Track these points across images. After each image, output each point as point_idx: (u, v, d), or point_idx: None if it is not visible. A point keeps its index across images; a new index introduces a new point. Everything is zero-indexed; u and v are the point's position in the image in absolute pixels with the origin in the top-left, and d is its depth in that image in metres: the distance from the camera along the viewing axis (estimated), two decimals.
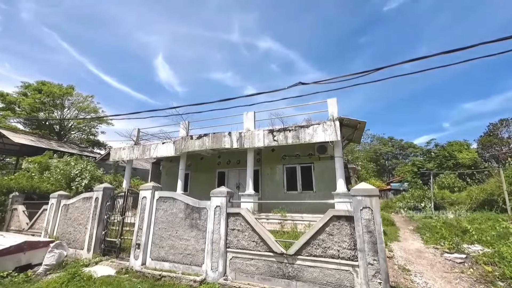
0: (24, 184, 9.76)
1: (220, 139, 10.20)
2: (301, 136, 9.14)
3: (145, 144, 12.81)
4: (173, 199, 6.05)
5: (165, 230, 5.92)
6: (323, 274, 4.15)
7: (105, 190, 7.17)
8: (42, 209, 8.38)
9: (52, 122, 28.98)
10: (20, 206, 9.13)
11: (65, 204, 7.90)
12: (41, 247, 6.40)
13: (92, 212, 7.03)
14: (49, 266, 6.01)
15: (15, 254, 5.84)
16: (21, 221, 8.76)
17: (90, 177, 11.59)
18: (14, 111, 25.87)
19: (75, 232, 7.35)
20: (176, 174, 15.01)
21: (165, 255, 5.72)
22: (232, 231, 5.13)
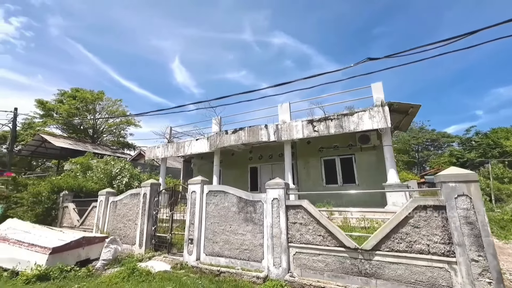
0: (72, 183, 10.19)
1: (256, 132, 9.91)
2: (345, 125, 8.56)
3: (178, 142, 12.91)
4: (224, 193, 5.84)
5: (217, 224, 5.73)
6: (410, 272, 3.66)
7: (152, 186, 7.18)
8: (92, 206, 8.65)
9: (86, 126, 30.67)
10: (70, 204, 9.53)
11: (113, 201, 8.06)
12: (97, 243, 6.53)
13: (141, 208, 7.07)
14: (107, 261, 6.10)
15: (75, 249, 5.98)
16: (73, 218, 9.14)
17: (129, 176, 11.89)
18: (53, 117, 27.67)
19: (125, 228, 7.46)
20: (208, 171, 15.08)
21: (220, 250, 5.53)
22: (294, 225, 4.78)
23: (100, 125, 31.43)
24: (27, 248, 5.79)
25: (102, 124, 31.39)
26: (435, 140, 47.16)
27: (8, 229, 6.86)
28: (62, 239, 5.99)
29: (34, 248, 5.70)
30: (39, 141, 22.59)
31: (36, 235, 6.36)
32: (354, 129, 8.39)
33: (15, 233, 6.56)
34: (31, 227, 6.92)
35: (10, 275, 5.35)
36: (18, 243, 6.00)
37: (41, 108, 27.15)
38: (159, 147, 13.40)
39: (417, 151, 50.76)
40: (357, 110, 8.57)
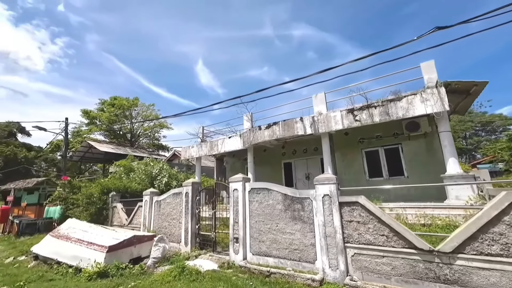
0: (118, 184, 10.85)
1: (291, 126, 9.50)
2: (392, 112, 7.75)
3: (212, 141, 13.05)
4: (268, 190, 5.59)
5: (263, 223, 5.51)
6: (509, 280, 3.02)
7: (194, 185, 7.22)
8: (138, 206, 9.07)
9: (125, 131, 32.96)
10: (118, 204, 10.15)
11: (157, 201, 8.33)
12: (146, 241, 6.77)
13: (184, 207, 7.16)
14: (156, 259, 6.27)
15: (128, 247, 6.24)
16: (121, 217, 9.71)
17: (168, 176, 12.34)
18: (96, 124, 30.19)
19: (169, 226, 7.65)
20: (240, 169, 15.07)
21: (267, 250, 5.31)
22: (350, 223, 4.35)
23: (137, 130, 33.55)
24: (86, 246, 6.18)
25: (138, 128, 33.47)
26: (487, 124, 41.86)
27: (69, 228, 7.46)
28: (115, 238, 6.30)
29: (93, 247, 6.06)
30: (86, 147, 24.79)
31: (93, 234, 6.79)
32: (403, 115, 7.55)
33: (75, 232, 7.09)
34: (88, 226, 7.43)
35: (74, 272, 5.74)
36: (79, 241, 6.45)
37: (86, 117, 29.78)
38: (193, 146, 13.70)
39: (465, 137, 45.61)
40: (405, 94, 7.69)
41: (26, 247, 8.44)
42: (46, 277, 5.42)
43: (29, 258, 7.52)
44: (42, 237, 10.35)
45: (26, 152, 24.59)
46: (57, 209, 12.29)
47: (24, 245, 9.03)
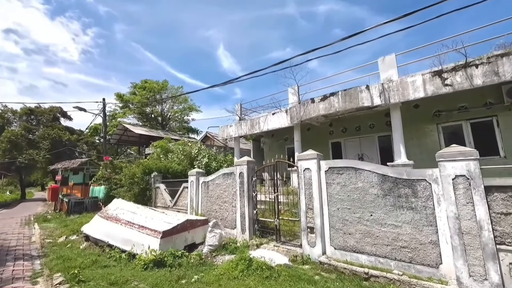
0: (159, 165, 10.37)
1: (354, 96, 7.95)
2: (503, 71, 5.86)
3: (252, 119, 11.96)
4: (355, 170, 4.34)
5: (348, 211, 4.34)
6: None
7: (249, 164, 6.23)
8: (182, 187, 8.45)
9: (155, 114, 33.38)
10: (161, 184, 9.68)
11: (204, 182, 7.56)
12: (200, 226, 6.04)
13: (238, 189, 6.25)
14: (213, 247, 5.50)
15: (181, 232, 5.54)
16: (165, 199, 9.23)
17: (208, 156, 11.64)
18: (129, 108, 30.81)
19: (221, 210, 6.86)
20: (279, 150, 13.89)
21: (356, 244, 4.17)
22: (505, 217, 2.98)
23: (167, 113, 33.78)
24: (138, 230, 5.59)
25: (169, 111, 33.66)
26: None
27: (117, 209, 7.01)
28: (168, 222, 5.61)
29: (145, 231, 5.43)
30: (122, 130, 25.36)
31: (142, 216, 6.21)
32: None
33: (124, 213, 6.59)
34: (136, 208, 6.91)
35: (128, 257, 5.18)
36: (129, 224, 5.90)
37: (119, 100, 30.43)
38: (231, 126, 12.76)
39: None
40: None
41: (76, 226, 8.34)
42: (100, 263, 4.90)
43: (80, 238, 7.31)
44: (89, 216, 10.43)
45: (69, 135, 25.91)
46: (101, 189, 12.38)
47: (74, 223, 9.01)
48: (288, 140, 13.73)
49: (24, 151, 23.08)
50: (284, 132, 13.30)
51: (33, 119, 26.89)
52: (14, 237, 7.67)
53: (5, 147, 22.16)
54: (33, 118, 27.13)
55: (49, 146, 23.70)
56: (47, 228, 9.03)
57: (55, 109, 27.90)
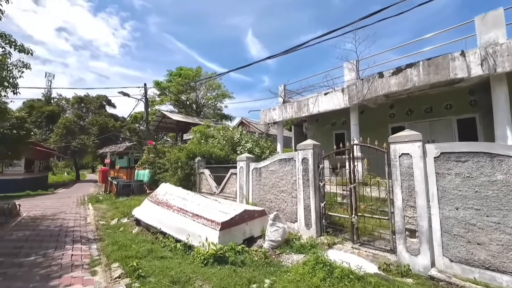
0: (203, 150, 9.93)
1: (443, 66, 6.33)
2: None
3: (300, 100, 10.81)
4: (490, 157, 3.10)
5: (476, 212, 3.15)
6: None
7: (315, 149, 5.24)
8: (230, 173, 7.84)
9: (190, 102, 33.81)
10: (205, 170, 9.24)
11: (256, 168, 6.81)
12: (257, 217, 5.32)
13: (301, 177, 5.33)
14: (275, 243, 4.73)
15: (240, 224, 4.86)
16: (210, 185, 8.78)
17: (251, 141, 10.92)
18: (166, 95, 31.56)
19: (276, 200, 6.07)
20: (325, 136, 12.62)
21: (492, 259, 3.00)
22: None
23: (201, 100, 33.99)
24: (192, 218, 5.05)
25: (203, 98, 33.83)
26: None
27: (166, 194, 6.63)
28: (224, 212, 4.97)
29: (200, 220, 4.87)
30: (160, 117, 26.03)
31: (194, 203, 5.69)
32: None
33: (174, 199, 6.16)
34: (185, 194, 6.46)
35: (183, 248, 4.69)
36: (181, 211, 5.42)
37: (157, 87, 31.28)
38: (275, 109, 11.77)
39: None
40: None
41: (126, 209, 8.33)
42: (156, 253, 4.46)
43: (131, 221, 7.18)
44: (137, 199, 10.59)
45: (114, 122, 27.50)
46: (145, 173, 12.54)
47: (124, 206, 9.07)
48: (336, 124, 12.35)
49: (77, 136, 25.09)
50: (332, 116, 11.95)
51: (83, 107, 29.05)
52: (71, 217, 7.89)
53: (61, 132, 24.29)
54: (83, 106, 29.30)
55: (97, 132, 25.41)
56: (99, 209, 9.26)
57: (101, 98, 29.74)
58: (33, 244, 4.96)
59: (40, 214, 8.25)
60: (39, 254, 4.38)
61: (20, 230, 6.02)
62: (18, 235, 5.65)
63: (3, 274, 3.55)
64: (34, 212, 8.60)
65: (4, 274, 3.56)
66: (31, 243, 5.02)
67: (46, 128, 26.41)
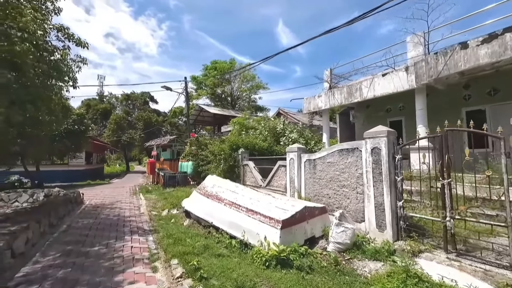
0: (246, 141, 9.59)
1: None
2: None
3: (351, 84, 9.68)
4: None
5: None
6: None
7: (390, 136, 4.38)
8: (278, 165, 7.32)
9: (225, 95, 34.10)
10: (250, 162, 8.89)
11: (309, 160, 6.15)
12: (317, 215, 4.72)
13: (371, 171, 4.53)
14: (342, 246, 4.08)
15: (301, 223, 4.33)
16: (256, 177, 8.40)
17: (296, 131, 10.23)
18: (203, 89, 32.29)
19: (336, 196, 5.36)
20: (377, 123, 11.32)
21: None
22: None
23: (236, 92, 34.03)
24: (246, 214, 4.67)
25: (237, 90, 33.83)
26: None
27: (214, 186, 6.41)
28: (281, 208, 4.47)
29: (256, 216, 4.45)
30: (197, 110, 26.68)
31: (245, 197, 5.31)
32: None
33: (223, 192, 5.88)
34: (234, 186, 6.15)
35: (239, 246, 4.34)
36: (234, 205, 5.08)
37: (194, 82, 32.16)
38: (320, 96, 10.80)
39: None
40: None
41: (175, 200, 8.44)
42: (212, 249, 4.19)
43: (180, 212, 7.19)
44: (182, 190, 10.82)
45: (157, 117, 29.15)
46: (189, 164, 12.78)
47: (171, 197, 9.26)
48: (391, 111, 10.91)
49: (125, 131, 27.24)
50: (387, 101, 10.54)
51: (129, 104, 31.35)
52: (126, 206, 8.28)
53: (113, 127, 26.63)
54: (129, 103, 31.63)
55: (142, 127, 27.22)
56: (150, 199, 9.63)
57: (145, 94, 31.72)
58: (96, 232, 5.14)
59: (100, 203, 8.86)
60: (102, 244, 4.46)
61: (85, 218, 6.41)
62: (83, 222, 5.98)
63: (72, 264, 3.61)
64: (95, 201, 9.30)
65: (73, 264, 3.61)
66: (95, 232, 5.22)
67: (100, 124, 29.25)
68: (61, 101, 6.45)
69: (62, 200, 6.84)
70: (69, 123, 13.04)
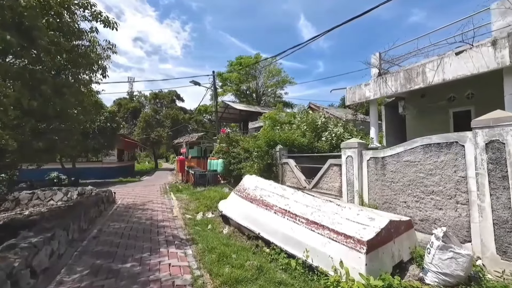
0: (283, 136, 8.56)
1: None
2: None
3: (410, 68, 8.16)
4: None
5: None
6: None
7: None
8: (329, 163, 6.19)
9: (250, 91, 33.28)
10: (290, 160, 7.86)
11: (375, 158, 4.95)
12: (403, 232, 3.54)
13: (486, 173, 3.25)
14: (451, 279, 2.90)
15: (387, 243, 3.20)
16: (298, 178, 7.35)
17: (340, 126, 8.97)
18: (228, 85, 31.80)
19: (419, 205, 4.12)
20: (435, 115, 9.59)
21: None
22: None
23: (261, 88, 33.03)
24: (307, 226, 3.66)
25: (263, 86, 32.82)
26: None
27: (257, 188, 5.49)
28: (357, 221, 3.38)
29: (324, 232, 3.42)
30: (223, 107, 26.17)
31: (300, 204, 4.30)
32: None
33: (270, 196, 4.94)
34: (282, 189, 5.16)
35: (302, 269, 3.34)
36: (287, 214, 4.10)
37: (219, 79, 31.74)
38: (368, 84, 9.37)
39: None
40: None
41: (208, 201, 7.73)
42: (268, 274, 3.26)
43: (216, 216, 6.42)
44: (214, 189, 10.12)
45: (183, 114, 29.28)
46: (219, 162, 12.07)
47: (203, 197, 8.59)
48: (455, 100, 9.14)
49: (154, 128, 27.70)
50: (447, 89, 8.84)
51: (157, 102, 31.91)
52: (159, 207, 7.75)
53: (142, 125, 27.22)
54: (157, 102, 32.20)
55: (170, 124, 27.45)
56: (181, 199, 9.06)
57: (172, 93, 32.08)
58: (128, 242, 4.50)
59: (132, 202, 8.46)
60: (135, 258, 3.77)
61: (116, 221, 5.90)
62: (115, 227, 5.44)
63: None
64: (126, 200, 8.95)
65: None
66: (126, 240, 4.59)
67: (131, 123, 30.13)
68: (91, 94, 5.95)
69: (94, 201, 6.43)
70: (102, 121, 13.05)
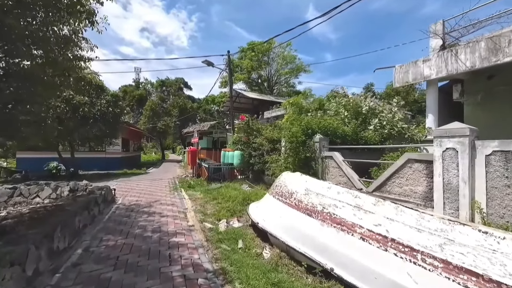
0: (323, 123, 6.82)
1: None
2: None
3: (499, 33, 6.20)
4: None
5: None
6: None
7: None
8: (407, 158, 4.44)
9: (262, 80, 31.28)
10: (336, 153, 6.13)
11: (503, 152, 3.19)
12: None
13: None
14: None
15: None
16: (349, 176, 5.63)
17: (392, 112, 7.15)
18: (239, 73, 29.88)
19: None
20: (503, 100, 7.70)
21: None
22: None
23: (274, 76, 30.99)
24: (436, 271, 1.96)
25: (275, 74, 30.77)
26: None
27: (309, 193, 3.83)
28: None
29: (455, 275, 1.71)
30: (235, 96, 24.46)
31: (400, 224, 2.63)
32: None
33: (337, 207, 3.29)
34: (352, 197, 3.46)
35: None
36: (388, 244, 2.42)
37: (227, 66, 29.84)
38: (428, 59, 7.46)
39: None
40: None
41: (230, 204, 6.16)
42: None
43: (245, 226, 4.81)
44: (232, 186, 8.50)
45: (191, 103, 27.66)
46: (235, 154, 10.42)
47: (221, 196, 7.02)
48: None
49: (161, 118, 26.22)
50: None
51: (164, 90, 30.33)
52: (169, 210, 6.19)
53: (148, 114, 25.75)
54: (164, 90, 30.61)
55: (177, 114, 25.90)
56: (195, 198, 7.51)
57: (179, 80, 30.42)
58: (124, 279, 2.86)
59: (135, 202, 6.94)
60: None
61: (112, 234, 4.34)
62: (109, 244, 3.88)
63: None
64: (129, 198, 7.45)
65: None
66: (121, 276, 2.93)
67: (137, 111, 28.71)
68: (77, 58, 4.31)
69: (85, 202, 4.89)
70: (103, 105, 11.49)
